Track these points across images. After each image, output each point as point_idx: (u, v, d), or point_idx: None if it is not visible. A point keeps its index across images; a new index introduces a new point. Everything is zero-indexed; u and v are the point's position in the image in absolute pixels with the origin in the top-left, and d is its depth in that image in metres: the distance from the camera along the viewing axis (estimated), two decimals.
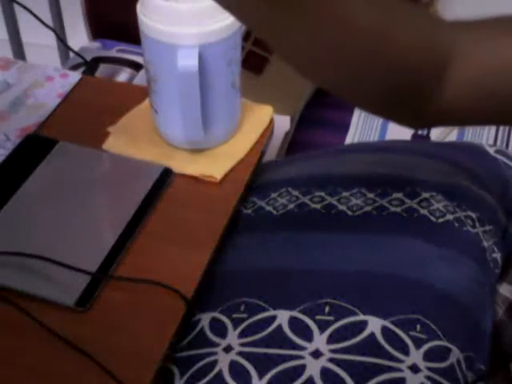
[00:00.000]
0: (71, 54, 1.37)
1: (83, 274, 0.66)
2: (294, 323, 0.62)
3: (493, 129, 1.26)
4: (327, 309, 0.62)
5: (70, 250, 0.69)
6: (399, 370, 0.57)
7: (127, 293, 0.66)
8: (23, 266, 0.67)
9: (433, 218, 0.72)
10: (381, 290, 0.64)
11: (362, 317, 0.61)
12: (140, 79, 1.22)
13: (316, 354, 0.59)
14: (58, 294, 0.65)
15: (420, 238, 0.70)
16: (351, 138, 1.26)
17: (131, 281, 0.67)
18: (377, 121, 1.29)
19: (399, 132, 1.27)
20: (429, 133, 1.27)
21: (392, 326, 0.60)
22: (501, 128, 1.26)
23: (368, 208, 0.74)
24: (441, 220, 0.72)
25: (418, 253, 0.69)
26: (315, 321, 0.61)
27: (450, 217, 0.73)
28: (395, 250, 0.69)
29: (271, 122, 0.87)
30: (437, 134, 1.26)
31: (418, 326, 0.60)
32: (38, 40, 1.46)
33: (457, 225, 0.72)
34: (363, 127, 1.28)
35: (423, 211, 0.73)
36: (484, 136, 1.25)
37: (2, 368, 0.61)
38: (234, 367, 0.59)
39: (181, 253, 0.70)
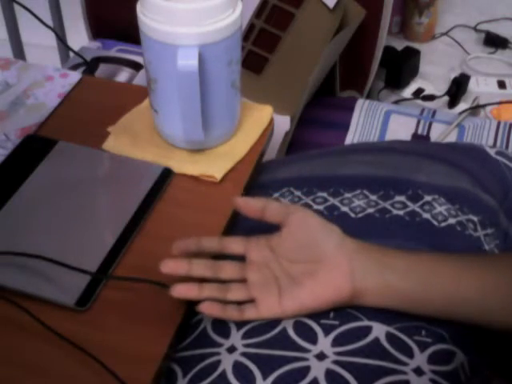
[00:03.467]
0: (71, 54, 1.37)
1: (83, 273, 0.66)
2: (298, 326, 0.62)
3: (493, 129, 1.26)
4: (332, 314, 0.62)
5: (70, 250, 0.69)
6: (403, 372, 0.57)
7: (127, 293, 0.66)
8: (23, 266, 0.67)
9: (435, 223, 0.72)
10: None
11: (366, 322, 0.61)
12: (140, 79, 1.22)
13: (320, 356, 0.59)
14: (58, 294, 0.65)
15: (423, 242, 0.70)
16: (351, 137, 1.26)
17: (131, 281, 0.67)
18: (377, 121, 1.29)
19: (399, 132, 1.27)
20: (429, 133, 1.27)
21: (396, 332, 0.60)
22: (501, 128, 1.26)
23: (371, 210, 0.73)
24: (443, 224, 0.72)
25: None
26: (320, 324, 0.61)
27: (452, 221, 0.73)
28: None
29: (271, 121, 0.87)
30: (437, 134, 1.26)
31: (423, 332, 0.61)
32: (38, 40, 1.46)
33: (459, 229, 0.72)
34: (363, 127, 1.28)
35: (426, 215, 0.72)
36: (484, 136, 1.25)
37: (3, 367, 0.61)
38: (238, 367, 0.59)
39: None
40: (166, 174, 0.78)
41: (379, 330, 0.60)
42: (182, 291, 0.62)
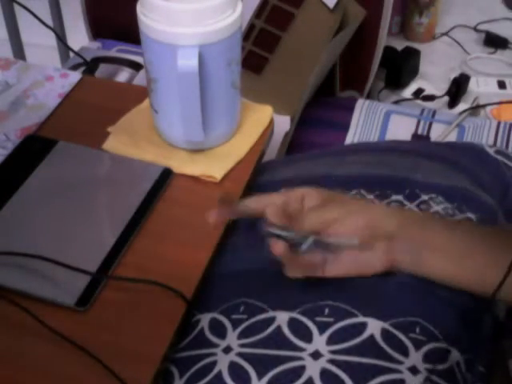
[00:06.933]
0: (71, 54, 1.37)
1: (83, 273, 0.66)
2: (293, 324, 0.62)
3: (493, 129, 1.26)
4: (327, 310, 0.62)
5: (70, 250, 0.69)
6: (399, 371, 0.57)
7: (127, 293, 0.66)
8: (23, 266, 0.67)
9: None
10: (381, 292, 0.64)
11: (361, 319, 0.61)
12: (140, 79, 1.22)
13: (315, 355, 0.59)
14: (58, 294, 0.65)
15: None
16: (351, 138, 1.26)
17: (131, 281, 0.67)
18: (377, 121, 1.29)
19: (399, 132, 1.27)
20: (429, 133, 1.27)
21: (391, 329, 0.60)
22: (501, 128, 1.26)
23: None
24: None
25: None
26: (315, 322, 0.61)
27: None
28: None
29: (271, 122, 0.87)
30: (437, 134, 1.26)
31: (418, 329, 0.60)
32: (38, 40, 1.46)
33: None
34: (363, 127, 1.28)
35: None
36: (484, 136, 1.25)
37: (3, 368, 0.61)
38: (234, 368, 0.59)
39: (181, 253, 0.70)
40: (166, 174, 0.78)
41: (374, 327, 0.60)
42: None
